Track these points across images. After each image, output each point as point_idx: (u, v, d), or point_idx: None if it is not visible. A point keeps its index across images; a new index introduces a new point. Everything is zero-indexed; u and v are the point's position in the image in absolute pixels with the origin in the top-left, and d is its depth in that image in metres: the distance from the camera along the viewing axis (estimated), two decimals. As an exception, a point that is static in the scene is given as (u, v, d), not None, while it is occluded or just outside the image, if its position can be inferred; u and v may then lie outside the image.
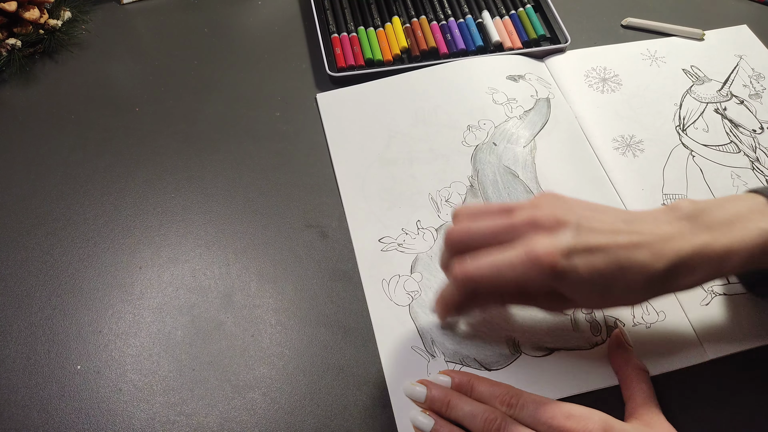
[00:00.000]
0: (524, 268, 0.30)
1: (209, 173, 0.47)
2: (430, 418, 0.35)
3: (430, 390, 0.36)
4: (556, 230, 0.31)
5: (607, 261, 0.30)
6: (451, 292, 0.36)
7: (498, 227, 0.32)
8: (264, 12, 0.59)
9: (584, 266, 0.30)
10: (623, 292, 0.31)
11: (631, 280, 0.31)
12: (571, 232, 0.31)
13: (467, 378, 0.36)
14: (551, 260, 0.29)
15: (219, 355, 0.38)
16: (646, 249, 0.31)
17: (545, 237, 0.30)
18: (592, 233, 0.31)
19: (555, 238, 0.30)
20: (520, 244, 0.31)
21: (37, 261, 0.42)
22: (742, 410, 0.37)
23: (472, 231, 0.33)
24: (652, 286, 0.31)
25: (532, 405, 0.33)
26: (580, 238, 0.30)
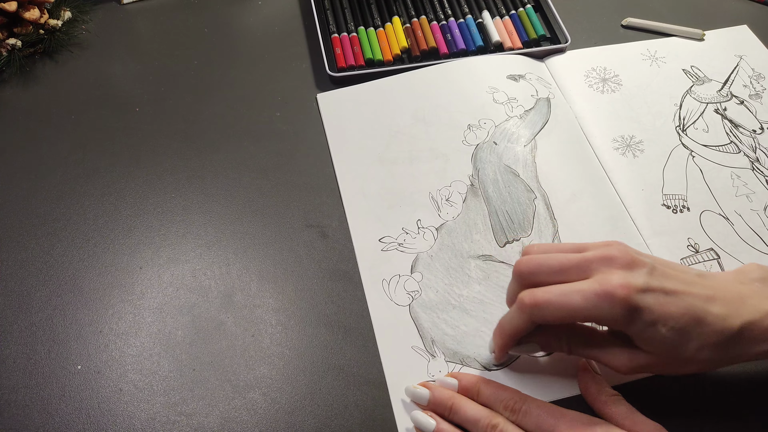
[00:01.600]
0: (596, 298, 0.29)
1: (209, 173, 0.47)
2: (431, 419, 0.35)
3: (433, 393, 0.35)
4: (631, 268, 0.30)
5: (682, 307, 0.30)
6: (513, 322, 0.33)
7: (571, 261, 0.31)
8: (264, 12, 0.59)
9: (658, 306, 0.29)
10: (696, 349, 0.30)
11: (706, 333, 0.30)
12: (646, 272, 0.30)
13: (474, 381, 0.35)
14: (626, 293, 0.29)
15: (219, 355, 0.38)
16: (722, 303, 0.30)
17: (621, 272, 0.30)
18: (668, 278, 0.30)
19: (630, 275, 0.30)
20: (594, 278, 0.30)
21: (37, 261, 0.42)
22: (743, 410, 0.37)
23: (542, 262, 0.31)
24: (725, 344, 0.30)
25: (536, 412, 0.33)
26: (655, 279, 0.30)
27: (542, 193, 0.45)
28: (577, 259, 0.31)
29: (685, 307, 0.30)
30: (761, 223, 0.45)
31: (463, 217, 0.44)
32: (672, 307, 0.29)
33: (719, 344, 0.30)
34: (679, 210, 0.45)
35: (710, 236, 0.44)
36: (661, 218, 0.45)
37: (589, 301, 0.29)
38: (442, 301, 0.40)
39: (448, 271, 0.42)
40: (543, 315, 0.31)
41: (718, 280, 0.32)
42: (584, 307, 0.29)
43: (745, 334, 0.30)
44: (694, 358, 0.31)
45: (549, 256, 0.32)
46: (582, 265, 0.31)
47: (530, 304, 0.31)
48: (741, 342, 0.30)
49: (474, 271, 0.42)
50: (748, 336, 0.30)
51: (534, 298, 0.31)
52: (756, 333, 0.30)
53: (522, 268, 0.32)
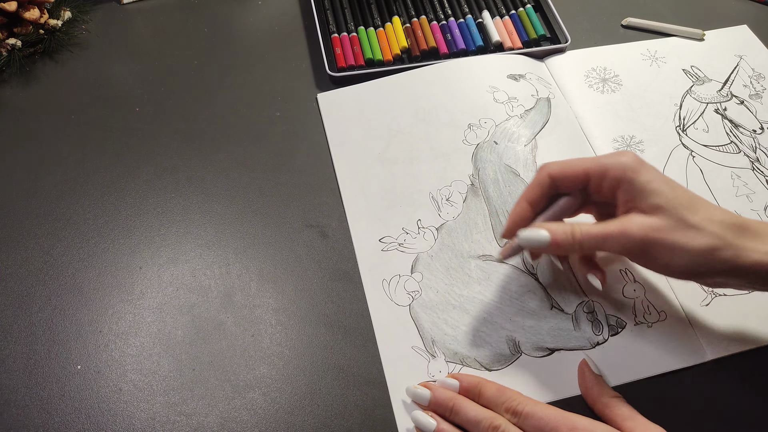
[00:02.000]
0: (608, 154, 0.34)
1: (209, 173, 0.47)
2: (432, 419, 0.35)
3: (434, 393, 0.35)
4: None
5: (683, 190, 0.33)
6: (530, 187, 0.37)
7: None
8: (264, 12, 0.59)
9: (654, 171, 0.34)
10: (700, 219, 0.32)
11: (710, 208, 0.33)
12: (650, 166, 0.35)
13: (475, 382, 0.36)
14: (633, 155, 0.34)
15: (219, 355, 0.38)
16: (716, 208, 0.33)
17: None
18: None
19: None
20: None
21: (37, 261, 0.42)
22: (743, 410, 0.37)
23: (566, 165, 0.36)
24: (729, 228, 0.32)
25: (537, 414, 0.33)
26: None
27: (542, 193, 0.45)
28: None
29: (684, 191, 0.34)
30: (761, 223, 0.45)
31: (464, 217, 0.44)
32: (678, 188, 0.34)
33: (723, 223, 0.32)
34: (680, 210, 0.45)
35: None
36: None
37: (601, 155, 0.35)
38: (443, 301, 0.40)
39: (449, 271, 0.42)
40: (559, 168, 0.35)
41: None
42: (596, 159, 0.35)
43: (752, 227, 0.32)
44: (700, 226, 0.32)
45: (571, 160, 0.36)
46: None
47: (547, 163, 0.36)
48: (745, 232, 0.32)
49: (474, 271, 0.42)
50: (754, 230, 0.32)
51: (547, 165, 0.36)
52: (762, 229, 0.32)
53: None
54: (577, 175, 0.35)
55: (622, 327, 0.39)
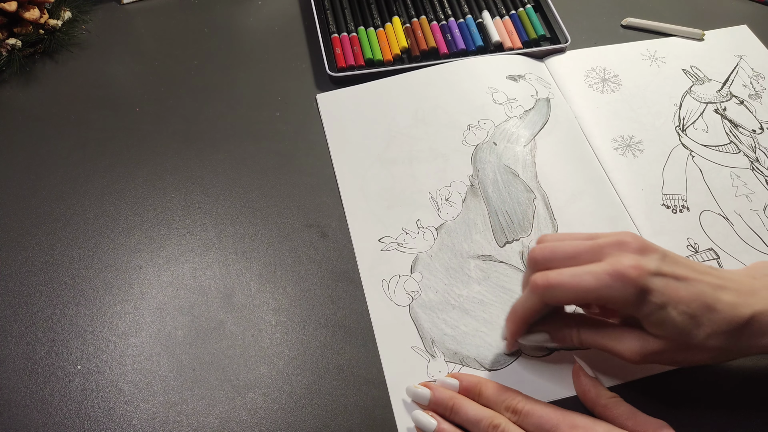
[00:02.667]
0: (608, 278, 0.29)
1: (209, 173, 0.47)
2: (432, 419, 0.35)
3: (434, 393, 0.35)
4: (644, 253, 0.30)
5: (692, 292, 0.30)
6: (525, 305, 0.33)
7: (584, 246, 0.31)
8: (264, 12, 0.59)
9: (669, 290, 0.30)
10: (705, 336, 0.30)
11: (716, 320, 0.30)
12: (658, 257, 0.31)
13: (475, 381, 0.36)
14: (637, 274, 0.29)
15: (219, 355, 0.38)
16: (733, 293, 0.31)
17: (633, 255, 0.30)
18: (679, 265, 0.31)
19: (643, 258, 0.30)
20: (607, 260, 0.30)
21: (37, 261, 0.42)
22: (743, 410, 0.37)
23: (556, 248, 0.32)
24: (734, 333, 0.31)
25: (537, 413, 0.33)
26: (667, 265, 0.30)
27: (542, 193, 0.45)
28: (590, 244, 0.31)
29: (695, 293, 0.30)
30: (761, 223, 0.45)
31: (463, 217, 0.44)
32: (683, 292, 0.30)
33: (729, 332, 0.30)
34: (679, 210, 0.45)
35: (710, 236, 0.44)
36: (661, 218, 0.45)
37: (601, 281, 0.29)
38: (442, 302, 0.40)
39: (448, 271, 0.42)
40: (555, 295, 0.31)
41: (730, 273, 0.33)
42: (596, 287, 0.29)
43: (755, 325, 0.31)
44: (704, 345, 0.31)
45: (563, 243, 0.32)
46: (595, 250, 0.31)
47: (543, 284, 0.31)
48: (751, 332, 0.31)
49: (474, 272, 0.42)
50: (759, 326, 0.31)
51: (547, 278, 0.31)
52: (765, 324, 0.31)
53: (537, 255, 0.32)
54: (575, 299, 0.32)
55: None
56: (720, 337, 0.31)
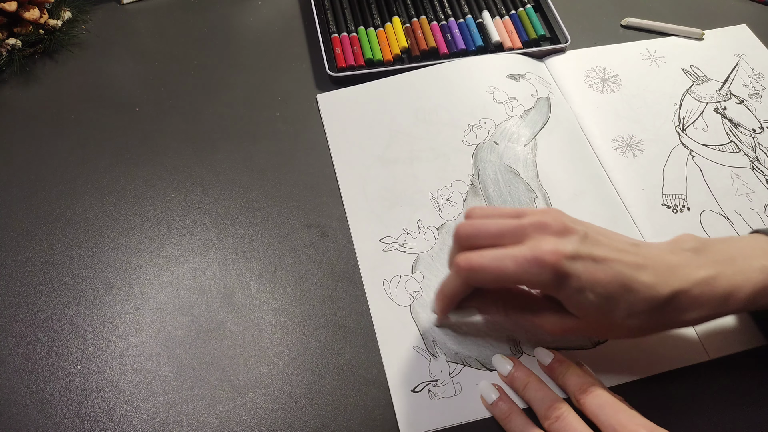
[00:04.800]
0: (527, 264, 0.30)
1: (209, 173, 0.47)
2: (496, 391, 0.36)
3: (515, 367, 0.36)
4: (563, 235, 0.31)
5: (610, 274, 0.30)
6: (452, 285, 0.35)
7: (506, 226, 0.32)
8: (264, 12, 0.59)
9: (586, 273, 0.30)
10: (624, 315, 0.31)
11: (634, 301, 0.31)
12: (577, 239, 0.31)
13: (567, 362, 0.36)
14: (554, 260, 0.30)
15: (219, 355, 0.38)
16: (651, 272, 0.31)
17: (552, 239, 0.31)
18: (598, 245, 0.31)
19: (561, 242, 0.30)
20: (526, 243, 0.31)
21: (37, 261, 0.42)
22: (743, 410, 0.37)
23: (480, 227, 0.32)
24: (653, 312, 0.31)
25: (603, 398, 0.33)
26: (585, 247, 0.31)
27: (543, 193, 0.45)
28: (513, 225, 0.32)
29: (613, 274, 0.30)
30: (761, 222, 0.45)
31: (464, 217, 0.44)
32: (600, 274, 0.30)
33: (647, 311, 0.31)
34: (680, 210, 0.45)
35: (710, 236, 0.44)
36: (662, 218, 0.45)
37: (520, 266, 0.30)
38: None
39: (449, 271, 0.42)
40: (477, 278, 0.32)
41: (652, 250, 0.33)
42: (515, 271, 0.30)
43: (674, 303, 0.31)
44: (623, 324, 0.32)
45: (487, 222, 0.33)
46: (517, 231, 0.31)
47: (465, 267, 0.31)
48: (670, 310, 0.31)
49: (474, 271, 0.42)
50: (677, 304, 0.31)
51: (469, 262, 0.31)
52: (684, 301, 0.31)
53: (461, 232, 0.33)
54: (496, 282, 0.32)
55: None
56: (638, 317, 0.31)
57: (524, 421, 0.34)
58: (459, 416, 0.36)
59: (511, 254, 0.30)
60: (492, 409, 0.36)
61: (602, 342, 0.39)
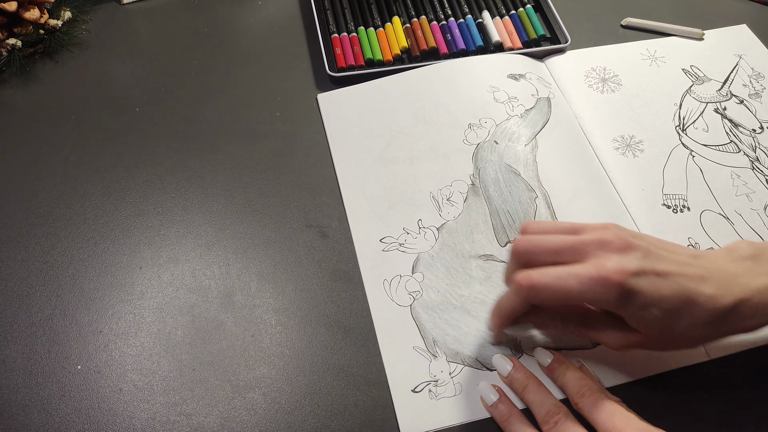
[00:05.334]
0: (592, 282, 0.30)
1: (209, 173, 0.47)
2: (496, 393, 0.36)
3: (514, 369, 0.36)
4: (626, 252, 0.31)
5: (674, 289, 0.30)
6: (510, 303, 0.34)
7: (566, 243, 0.32)
8: (264, 12, 0.59)
9: (652, 289, 0.30)
10: (687, 328, 0.31)
11: (697, 313, 0.31)
12: (640, 255, 0.31)
13: (566, 362, 0.36)
14: (620, 278, 0.29)
15: (219, 355, 0.38)
16: (714, 283, 0.31)
17: (615, 256, 0.30)
18: (661, 260, 0.31)
19: (625, 259, 0.30)
20: (589, 261, 0.30)
21: (37, 261, 0.42)
22: (743, 410, 0.37)
23: (539, 244, 0.32)
24: (716, 322, 0.31)
25: (601, 402, 0.33)
26: (649, 262, 0.30)
27: (543, 192, 0.45)
28: (573, 241, 0.31)
29: (677, 289, 0.30)
30: (761, 222, 0.45)
31: (464, 217, 0.44)
32: (664, 289, 0.30)
33: (710, 322, 0.31)
34: (680, 210, 0.45)
35: (710, 236, 0.44)
36: (662, 218, 0.45)
37: (584, 284, 0.30)
38: (444, 302, 0.40)
39: (450, 271, 0.42)
40: (539, 297, 0.31)
41: (711, 260, 0.33)
42: (579, 290, 0.30)
43: (736, 312, 0.31)
44: (685, 335, 0.32)
45: (546, 238, 0.32)
46: (577, 248, 0.31)
47: (527, 286, 0.31)
48: (731, 319, 0.31)
49: (475, 271, 0.42)
50: (739, 313, 0.31)
51: (530, 280, 0.31)
52: (746, 310, 0.31)
53: (519, 248, 0.33)
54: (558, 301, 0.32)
55: (623, 326, 0.39)
56: (701, 328, 0.31)
57: (523, 423, 0.34)
58: (459, 416, 0.36)
59: (574, 273, 0.30)
60: (491, 410, 0.36)
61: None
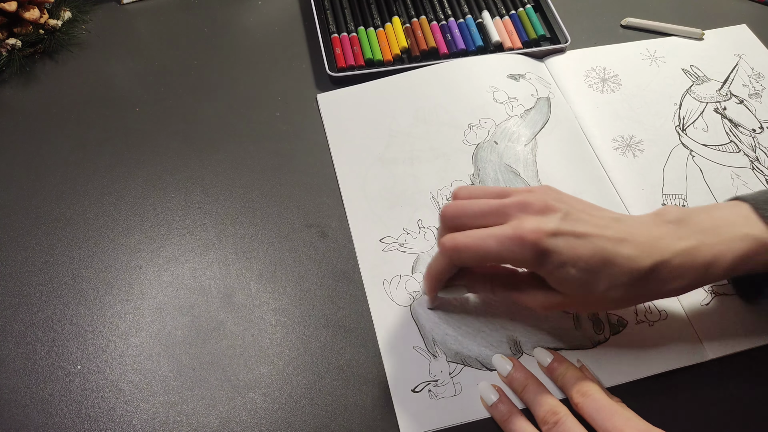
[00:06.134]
0: (509, 243, 0.31)
1: (209, 173, 0.47)
2: (496, 393, 0.36)
3: (514, 368, 0.37)
4: (545, 213, 0.32)
5: (591, 249, 0.31)
6: (438, 264, 0.35)
7: (490, 207, 0.33)
8: (264, 12, 0.59)
9: (567, 249, 0.31)
10: (607, 288, 0.32)
11: (615, 273, 0.31)
12: (559, 217, 0.32)
13: (566, 362, 0.36)
14: (535, 237, 0.30)
15: (219, 355, 0.38)
16: (632, 245, 0.32)
17: (533, 218, 0.31)
18: (580, 222, 0.32)
19: (542, 220, 0.31)
20: (509, 223, 0.32)
21: (37, 261, 0.42)
22: (743, 410, 0.37)
23: (465, 208, 0.33)
24: (635, 284, 0.32)
25: (598, 399, 0.33)
26: (566, 224, 0.31)
27: (542, 193, 0.45)
28: (497, 204, 0.32)
29: (593, 249, 0.31)
30: (761, 222, 0.45)
31: (464, 217, 0.44)
32: (581, 249, 0.31)
33: (629, 284, 0.32)
34: (680, 209, 0.45)
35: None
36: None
37: (502, 244, 0.31)
38: (444, 302, 0.40)
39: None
40: (462, 258, 0.32)
41: (634, 224, 0.33)
42: (498, 250, 0.31)
43: (655, 274, 0.32)
44: (605, 296, 0.32)
45: (472, 202, 0.33)
46: (500, 211, 0.32)
47: (450, 247, 0.32)
48: (651, 281, 0.32)
49: (474, 271, 0.42)
50: (658, 275, 0.32)
51: (454, 241, 0.32)
52: (665, 272, 0.32)
53: (447, 213, 0.34)
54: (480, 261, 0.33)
55: (624, 326, 0.39)
56: (620, 289, 0.32)
57: (523, 423, 0.34)
58: (459, 416, 0.36)
59: (493, 233, 0.31)
60: (491, 410, 0.36)
61: (603, 342, 0.39)
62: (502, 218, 0.32)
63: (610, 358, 0.38)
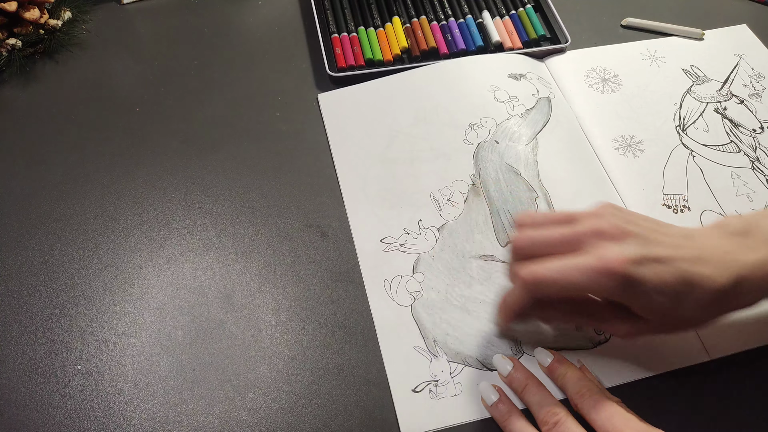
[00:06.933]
0: (595, 274, 0.30)
1: (209, 173, 0.47)
2: (496, 392, 0.36)
3: (514, 368, 0.36)
4: (623, 240, 0.31)
5: (674, 273, 0.30)
6: (515, 298, 0.35)
7: (563, 236, 0.32)
8: (264, 12, 0.59)
9: (654, 276, 0.30)
10: (690, 310, 0.31)
11: (699, 295, 0.31)
12: (638, 242, 0.31)
13: (566, 363, 0.36)
14: (623, 268, 0.29)
15: (219, 355, 0.38)
16: (710, 263, 0.31)
17: (613, 246, 0.30)
18: (658, 245, 0.31)
19: (623, 247, 0.30)
20: (589, 252, 0.31)
21: (37, 261, 0.42)
22: (743, 410, 0.37)
23: (536, 238, 0.33)
24: (718, 302, 0.31)
25: (601, 402, 0.33)
26: (647, 249, 0.31)
27: (544, 192, 0.45)
28: (570, 233, 0.32)
29: (676, 273, 0.30)
30: (762, 222, 0.45)
31: (465, 217, 0.44)
32: (665, 275, 0.30)
33: (711, 302, 0.31)
34: (680, 210, 0.45)
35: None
36: (662, 218, 0.44)
37: (587, 276, 0.30)
38: (444, 302, 0.40)
39: (450, 271, 0.42)
40: (543, 291, 0.32)
41: (704, 240, 0.33)
42: (582, 282, 0.30)
43: (734, 290, 0.31)
44: (691, 318, 0.32)
45: (543, 232, 0.33)
46: (573, 240, 0.32)
47: (531, 281, 0.31)
48: (731, 297, 0.32)
49: (476, 271, 0.42)
50: (737, 291, 0.32)
51: (534, 274, 0.31)
52: (744, 287, 0.32)
53: (518, 244, 0.33)
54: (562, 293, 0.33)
55: (623, 326, 0.39)
56: (704, 309, 0.32)
57: (523, 423, 0.34)
58: (460, 416, 0.36)
59: (575, 265, 0.30)
60: (492, 410, 0.36)
61: (603, 342, 0.39)
62: (576, 246, 0.31)
63: (610, 359, 0.38)
